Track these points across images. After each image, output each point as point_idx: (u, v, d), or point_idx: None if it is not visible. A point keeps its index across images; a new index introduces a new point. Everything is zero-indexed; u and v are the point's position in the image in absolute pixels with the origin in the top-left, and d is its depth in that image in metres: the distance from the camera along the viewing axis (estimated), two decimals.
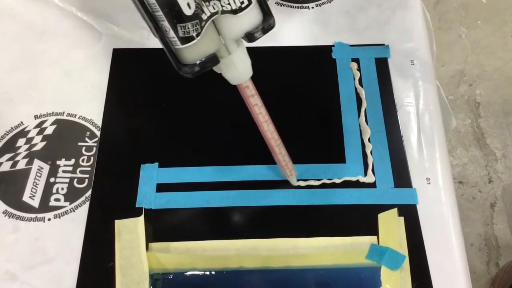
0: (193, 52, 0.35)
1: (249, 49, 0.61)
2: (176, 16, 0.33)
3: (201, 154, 0.54)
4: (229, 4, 0.35)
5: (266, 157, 0.53)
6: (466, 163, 1.39)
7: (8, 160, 0.53)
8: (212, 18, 0.35)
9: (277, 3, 0.66)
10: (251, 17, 0.36)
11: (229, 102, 0.58)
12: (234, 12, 0.35)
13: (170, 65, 0.61)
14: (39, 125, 0.55)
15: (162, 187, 0.51)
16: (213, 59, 0.36)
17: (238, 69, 0.39)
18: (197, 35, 0.34)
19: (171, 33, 0.34)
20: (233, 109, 0.57)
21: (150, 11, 0.33)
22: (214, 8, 0.34)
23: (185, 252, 0.48)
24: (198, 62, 0.35)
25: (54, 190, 0.51)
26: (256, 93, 0.43)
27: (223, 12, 0.35)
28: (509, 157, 1.39)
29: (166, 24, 0.33)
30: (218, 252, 0.48)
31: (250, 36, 0.37)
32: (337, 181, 0.52)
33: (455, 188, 1.33)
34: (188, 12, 0.33)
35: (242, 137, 0.55)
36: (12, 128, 0.55)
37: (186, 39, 0.34)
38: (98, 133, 0.55)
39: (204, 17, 0.34)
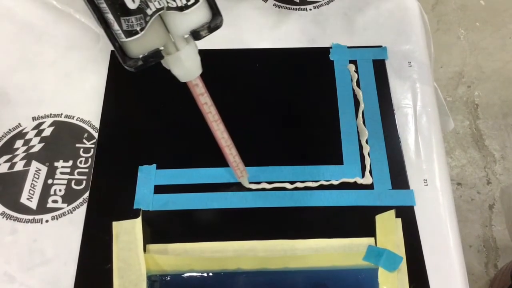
0: (138, 46, 0.35)
1: (247, 51, 0.61)
2: (119, 9, 0.33)
3: (199, 156, 0.54)
4: (174, 1, 0.35)
5: (263, 158, 0.53)
6: (465, 165, 1.39)
7: (5, 161, 0.53)
8: (158, 14, 0.35)
9: (275, 5, 0.66)
10: (198, 15, 0.36)
11: (227, 104, 0.58)
12: (180, 9, 0.35)
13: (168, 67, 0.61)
14: (37, 126, 0.55)
15: (160, 189, 0.51)
16: (157, 54, 0.36)
17: (185, 66, 0.39)
18: (141, 30, 0.34)
19: (116, 26, 0.33)
20: (231, 111, 0.57)
21: (95, 2, 0.33)
22: (160, 4, 0.34)
23: (183, 253, 0.48)
24: (141, 56, 0.35)
25: (52, 192, 0.51)
26: (205, 91, 0.43)
27: (169, 8, 0.35)
28: (507, 159, 1.40)
29: (110, 16, 0.33)
30: (216, 254, 0.48)
31: (195, 34, 0.36)
32: (335, 182, 0.52)
33: (454, 189, 1.33)
34: (132, 6, 0.33)
35: (240, 139, 0.55)
36: (10, 129, 0.55)
37: (130, 33, 0.34)
38: (96, 134, 0.55)
39: (149, 12, 0.34)
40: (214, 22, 0.37)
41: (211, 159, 0.53)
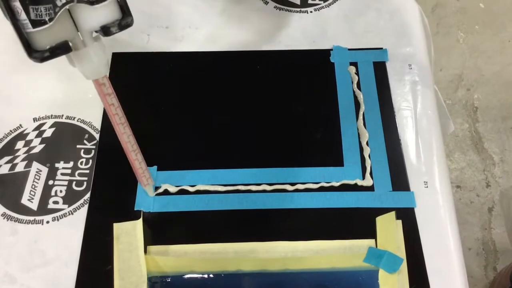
0: (45, 37, 0.34)
1: (248, 53, 0.61)
2: None
3: (200, 158, 0.54)
4: None
5: (263, 160, 0.53)
6: (464, 168, 1.40)
7: (6, 162, 0.53)
8: (68, 6, 0.34)
9: (275, 7, 0.66)
10: (108, 11, 0.36)
11: (228, 106, 0.58)
12: (91, 3, 0.35)
13: (169, 68, 0.61)
14: (38, 127, 0.55)
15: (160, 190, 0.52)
16: (65, 46, 0.35)
17: (93, 63, 0.38)
18: (50, 20, 0.33)
19: (23, 15, 0.33)
20: (232, 113, 0.57)
21: None
22: None
23: (183, 255, 0.48)
24: (48, 47, 0.35)
25: (53, 193, 0.51)
26: (112, 92, 0.42)
27: (79, 1, 0.34)
28: (506, 162, 1.40)
29: (18, 5, 0.32)
30: (216, 255, 0.48)
31: (105, 30, 0.36)
32: (335, 184, 0.52)
33: (453, 192, 1.33)
34: None
35: (240, 141, 0.55)
36: (11, 130, 0.55)
37: (37, 23, 0.33)
38: (96, 135, 0.55)
39: (59, 3, 0.33)
40: (125, 20, 0.36)
41: (211, 160, 0.54)
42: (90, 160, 0.53)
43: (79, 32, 0.37)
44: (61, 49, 0.35)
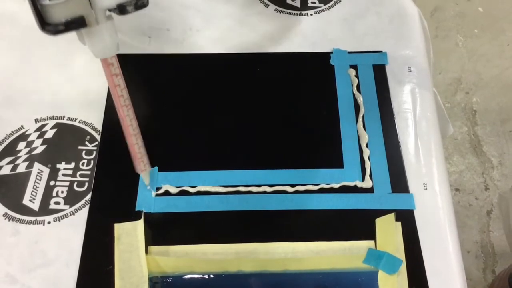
0: (60, 11, 0.34)
1: (249, 55, 0.62)
2: None
3: (201, 159, 0.54)
4: None
5: (264, 161, 0.54)
6: (463, 171, 1.40)
7: (8, 163, 0.53)
8: None
9: (276, 10, 0.67)
10: None
11: (229, 108, 0.58)
12: None
13: (170, 70, 0.61)
14: (39, 128, 0.55)
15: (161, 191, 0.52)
16: (80, 21, 0.35)
17: (105, 41, 0.38)
18: None
19: None
20: (232, 115, 0.58)
21: None
22: None
23: (184, 255, 0.48)
24: (64, 21, 0.35)
25: (54, 193, 0.51)
26: (120, 73, 0.42)
27: None
28: (505, 165, 1.40)
29: None
30: (217, 256, 0.48)
31: (121, 8, 0.36)
32: (335, 186, 0.52)
33: (452, 195, 1.33)
34: None
35: (240, 142, 0.55)
36: (12, 131, 0.55)
37: None
38: (98, 137, 0.55)
39: None
40: (141, 0, 0.37)
41: (212, 161, 0.54)
42: (92, 161, 0.54)
43: (92, 10, 0.37)
44: (76, 23, 0.35)
